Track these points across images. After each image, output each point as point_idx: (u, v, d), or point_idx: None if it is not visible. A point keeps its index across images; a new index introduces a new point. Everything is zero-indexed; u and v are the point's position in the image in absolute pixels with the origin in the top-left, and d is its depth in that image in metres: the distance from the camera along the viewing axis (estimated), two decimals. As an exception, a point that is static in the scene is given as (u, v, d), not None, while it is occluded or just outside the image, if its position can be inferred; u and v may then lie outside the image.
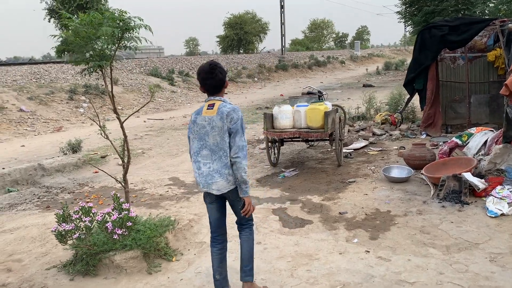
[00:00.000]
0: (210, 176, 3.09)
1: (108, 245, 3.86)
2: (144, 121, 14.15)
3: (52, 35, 3.57)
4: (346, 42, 74.98)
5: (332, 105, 7.30)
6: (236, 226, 3.38)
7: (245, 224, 3.33)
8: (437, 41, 8.39)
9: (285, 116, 6.74)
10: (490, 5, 20.81)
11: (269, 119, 6.86)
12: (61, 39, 3.98)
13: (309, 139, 7.14)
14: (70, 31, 3.57)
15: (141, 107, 4.96)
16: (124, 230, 3.84)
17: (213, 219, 3.28)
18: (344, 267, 3.72)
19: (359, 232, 4.47)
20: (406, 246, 4.05)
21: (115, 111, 3.88)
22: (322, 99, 7.56)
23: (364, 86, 21.60)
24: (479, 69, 8.90)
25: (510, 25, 4.74)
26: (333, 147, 7.32)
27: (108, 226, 3.81)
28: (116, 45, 3.62)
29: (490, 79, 8.78)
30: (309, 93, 7.92)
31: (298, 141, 7.50)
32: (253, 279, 3.36)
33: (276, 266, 3.83)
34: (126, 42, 3.61)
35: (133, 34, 3.57)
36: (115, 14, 3.45)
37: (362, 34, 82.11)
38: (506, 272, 3.45)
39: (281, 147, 7.72)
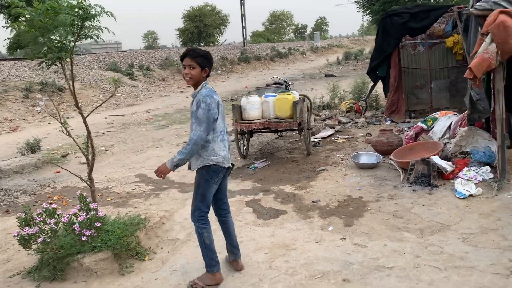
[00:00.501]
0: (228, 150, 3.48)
1: (76, 248, 3.66)
2: (105, 118, 13.67)
3: (2, 26, 3.30)
4: (306, 33, 75.62)
5: (299, 95, 7.27)
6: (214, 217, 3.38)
7: (227, 204, 3.62)
8: (399, 28, 8.48)
9: (253, 107, 6.65)
10: (444, -7, 21.45)
11: (238, 111, 6.74)
12: (11, 31, 3.70)
13: (279, 129, 7.09)
14: (24, 22, 3.31)
15: (105, 101, 4.74)
16: (92, 231, 3.65)
17: (212, 196, 3.41)
18: (322, 256, 3.70)
19: (334, 219, 4.46)
20: (381, 232, 4.07)
21: (76, 105, 3.65)
22: (289, 89, 7.53)
23: (326, 76, 21.81)
24: (438, 55, 9.12)
25: (471, 9, 4.82)
26: (302, 137, 7.30)
27: (76, 228, 3.60)
28: (76, 35, 3.39)
29: (449, 64, 9.00)
30: (275, 83, 7.85)
31: (267, 131, 7.44)
32: None
33: (253, 258, 3.75)
34: (87, 31, 3.39)
35: (94, 23, 3.36)
36: (74, 2, 3.22)
37: (321, 25, 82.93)
38: (479, 251, 3.52)
39: (250, 139, 7.63)
